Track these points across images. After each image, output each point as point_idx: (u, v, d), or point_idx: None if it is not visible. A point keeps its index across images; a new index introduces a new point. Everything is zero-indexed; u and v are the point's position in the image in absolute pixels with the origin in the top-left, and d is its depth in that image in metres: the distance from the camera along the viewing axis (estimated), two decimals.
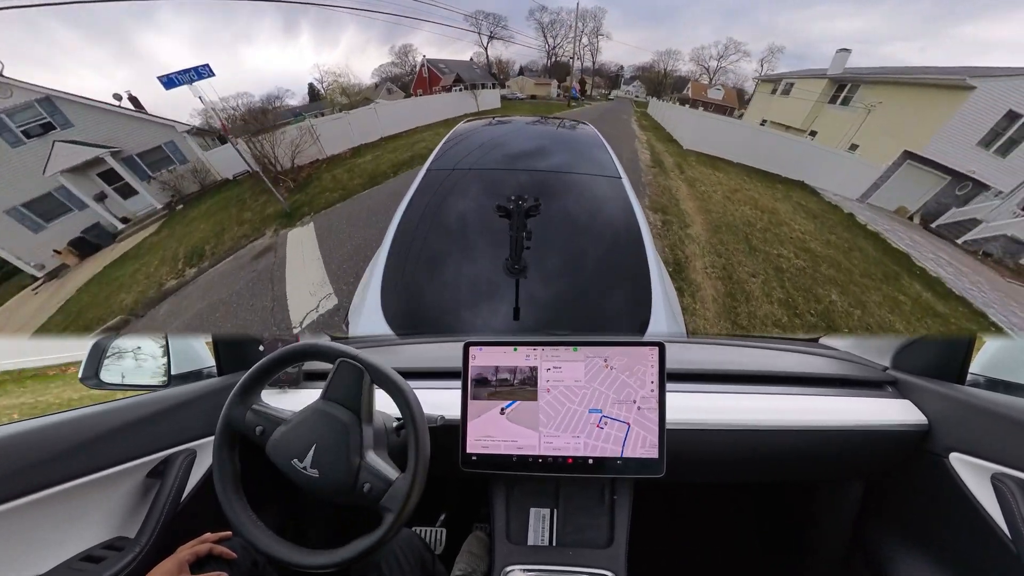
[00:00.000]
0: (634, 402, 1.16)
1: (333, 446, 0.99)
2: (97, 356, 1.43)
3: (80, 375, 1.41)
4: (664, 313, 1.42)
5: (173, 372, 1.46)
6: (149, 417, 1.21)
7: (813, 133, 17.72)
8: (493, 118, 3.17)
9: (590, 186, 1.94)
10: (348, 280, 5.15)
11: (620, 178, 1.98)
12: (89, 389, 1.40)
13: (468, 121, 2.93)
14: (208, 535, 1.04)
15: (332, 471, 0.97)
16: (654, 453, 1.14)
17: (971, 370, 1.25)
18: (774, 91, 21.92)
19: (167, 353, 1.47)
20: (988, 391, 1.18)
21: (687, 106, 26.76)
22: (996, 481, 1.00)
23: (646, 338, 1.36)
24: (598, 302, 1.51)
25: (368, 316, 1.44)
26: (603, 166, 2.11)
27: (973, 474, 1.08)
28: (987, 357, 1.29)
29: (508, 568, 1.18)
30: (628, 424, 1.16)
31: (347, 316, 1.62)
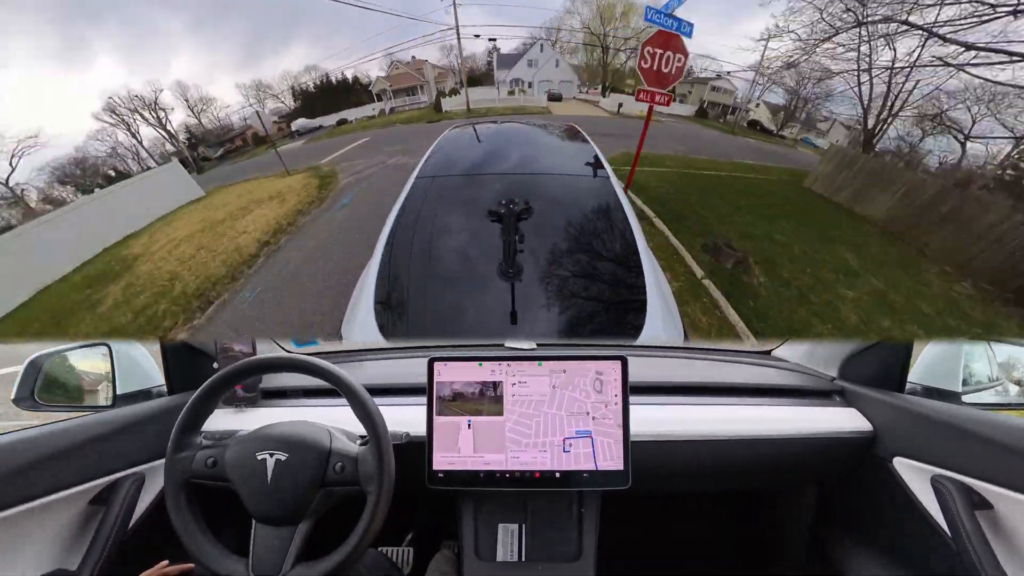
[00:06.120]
0: (599, 415, 1.17)
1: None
2: (33, 375, 1.33)
3: (13, 396, 1.30)
4: (660, 313, 1.41)
5: (119, 392, 1.37)
6: (93, 440, 1.14)
7: None
8: (480, 121, 3.16)
9: (579, 186, 1.94)
10: None
11: (608, 177, 1.99)
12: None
13: (454, 127, 2.91)
14: (166, 564, 0.98)
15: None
16: (619, 465, 1.16)
17: (909, 379, 1.34)
18: None
19: (112, 371, 1.39)
20: (925, 399, 1.26)
21: None
22: (935, 483, 1.07)
23: (639, 342, 1.35)
24: (593, 304, 1.50)
25: (361, 326, 1.41)
26: (590, 166, 2.13)
27: (915, 476, 1.15)
28: (922, 367, 1.39)
29: None
30: (593, 437, 1.17)
31: (341, 326, 1.57)
